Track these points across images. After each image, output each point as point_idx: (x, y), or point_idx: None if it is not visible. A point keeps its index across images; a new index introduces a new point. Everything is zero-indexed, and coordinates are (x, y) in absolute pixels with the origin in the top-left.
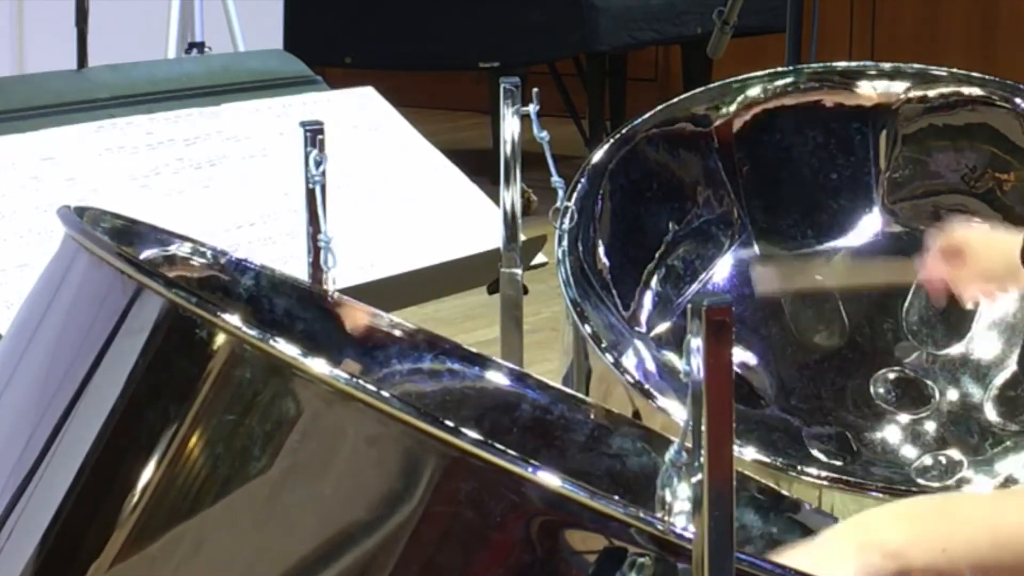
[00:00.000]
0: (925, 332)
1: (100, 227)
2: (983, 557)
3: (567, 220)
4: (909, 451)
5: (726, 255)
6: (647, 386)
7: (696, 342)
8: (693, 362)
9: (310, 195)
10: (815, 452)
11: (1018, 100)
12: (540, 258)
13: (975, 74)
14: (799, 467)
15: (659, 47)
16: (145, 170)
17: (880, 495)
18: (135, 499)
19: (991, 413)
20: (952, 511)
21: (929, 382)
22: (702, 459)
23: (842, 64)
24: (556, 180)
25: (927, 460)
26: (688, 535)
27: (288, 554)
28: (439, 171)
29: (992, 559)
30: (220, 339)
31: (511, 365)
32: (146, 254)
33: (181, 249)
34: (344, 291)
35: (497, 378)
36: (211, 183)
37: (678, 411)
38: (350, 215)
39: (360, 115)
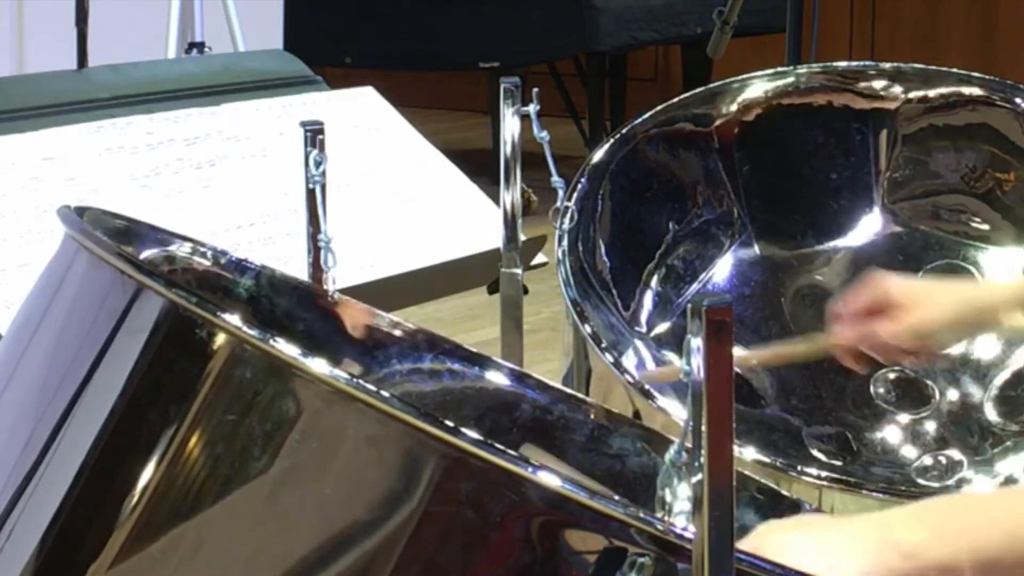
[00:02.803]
0: None
1: (100, 227)
2: (998, 555)
3: (567, 220)
4: (909, 451)
5: (726, 255)
6: (647, 386)
7: (696, 342)
8: (693, 362)
9: (310, 195)
10: (815, 452)
11: (1018, 100)
12: (540, 258)
13: (975, 74)
14: (799, 467)
15: (659, 47)
16: (145, 170)
17: (880, 495)
18: (135, 499)
19: (991, 413)
20: (966, 509)
21: (929, 382)
22: (702, 459)
23: (842, 64)
24: (556, 180)
25: (927, 460)
26: (688, 535)
27: (288, 554)
28: (439, 171)
29: (1008, 557)
30: (220, 339)
31: (511, 365)
32: (146, 254)
33: (181, 249)
34: (344, 291)
35: (497, 378)
36: (211, 183)
37: (678, 411)
38: (350, 215)
39: (360, 115)
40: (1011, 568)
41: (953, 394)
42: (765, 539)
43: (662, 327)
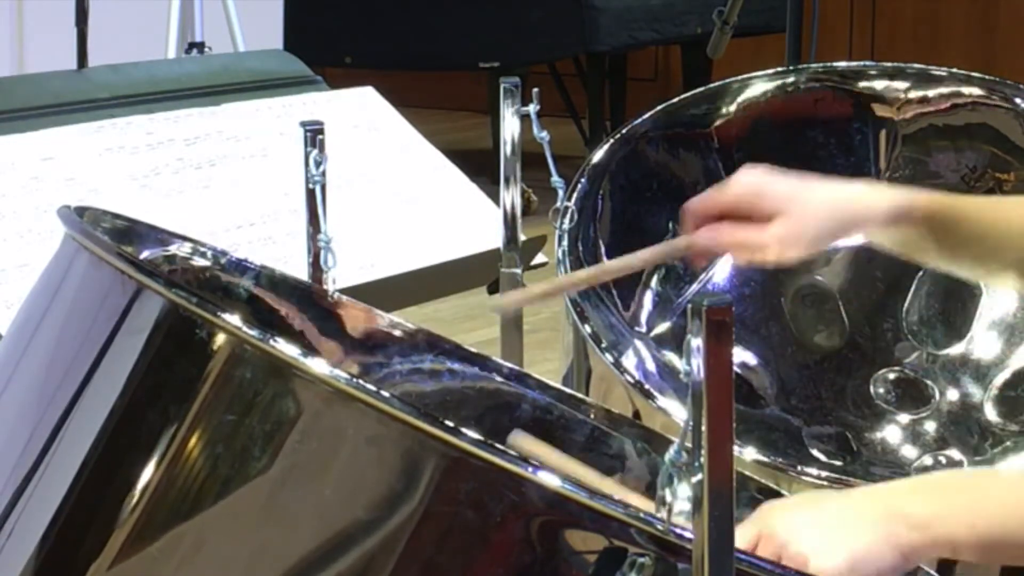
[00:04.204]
0: (925, 332)
1: (100, 227)
2: (1011, 536)
3: (567, 220)
4: (909, 451)
5: (726, 255)
6: (647, 386)
7: (696, 342)
8: (693, 362)
9: (310, 195)
10: (815, 452)
11: (1018, 100)
12: (540, 258)
13: (975, 74)
14: (799, 467)
15: (659, 47)
16: (145, 170)
17: None
18: (135, 499)
19: (991, 413)
20: (982, 488)
21: (929, 382)
22: (702, 459)
23: (842, 64)
24: (556, 180)
25: (927, 460)
26: (688, 535)
27: (288, 554)
28: (439, 171)
29: (1008, 538)
30: (220, 339)
31: (511, 365)
32: (146, 254)
33: (181, 249)
34: (344, 291)
35: (497, 378)
36: (211, 183)
37: (678, 411)
38: (350, 215)
39: (360, 115)
40: (1010, 548)
41: (953, 394)
42: (768, 519)
43: (662, 327)
